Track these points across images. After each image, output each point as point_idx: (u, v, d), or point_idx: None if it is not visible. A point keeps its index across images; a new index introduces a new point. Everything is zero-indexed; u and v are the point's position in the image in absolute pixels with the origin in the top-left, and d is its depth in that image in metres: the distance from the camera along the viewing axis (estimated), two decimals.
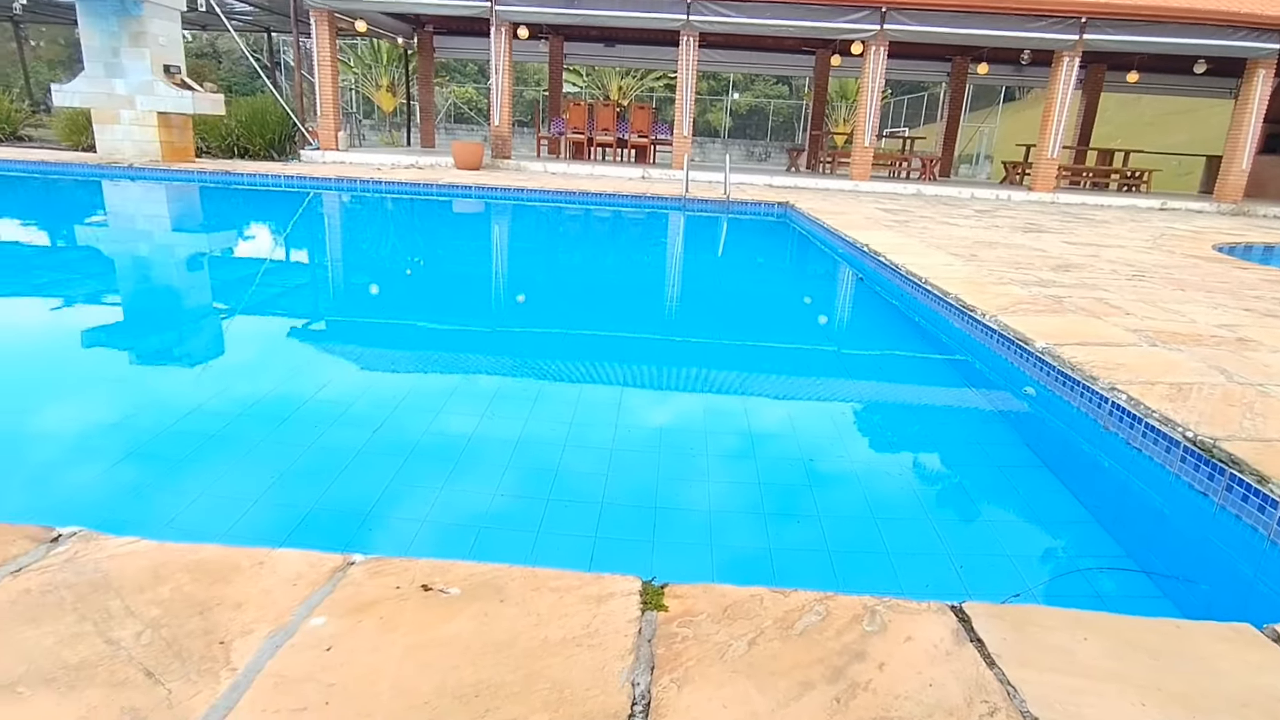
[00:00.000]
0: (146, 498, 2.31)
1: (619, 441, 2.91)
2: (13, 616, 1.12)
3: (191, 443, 2.74)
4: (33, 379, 3.46)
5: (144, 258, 6.73)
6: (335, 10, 13.64)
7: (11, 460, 2.51)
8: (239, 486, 2.39)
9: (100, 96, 10.57)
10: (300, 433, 2.85)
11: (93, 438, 2.78)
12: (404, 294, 5.67)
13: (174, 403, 3.22)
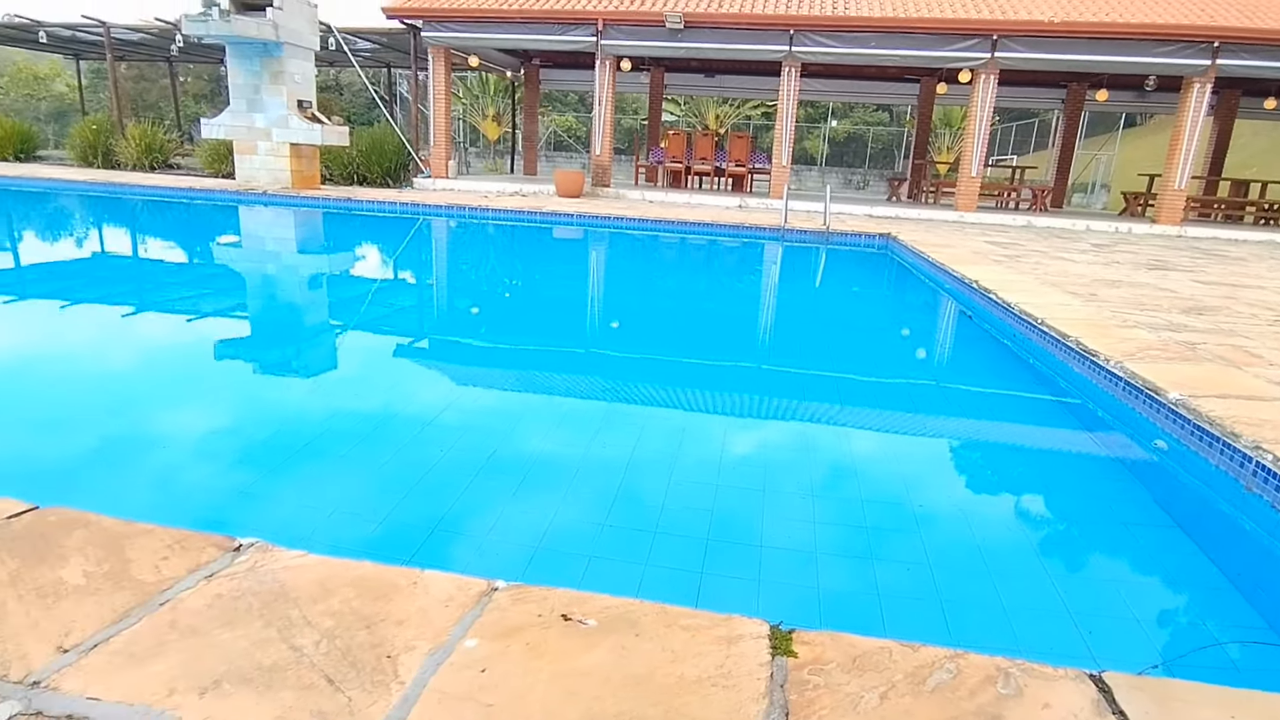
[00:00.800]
0: (263, 504, 2.51)
1: (722, 475, 2.94)
2: (211, 618, 1.26)
3: (307, 453, 2.96)
4: (163, 383, 3.82)
5: (274, 277, 7.29)
6: (452, 47, 14.43)
7: (131, 460, 2.77)
8: (361, 498, 2.57)
9: (241, 129, 11.53)
10: (408, 450, 3.03)
11: (208, 444, 3.04)
12: (510, 318, 5.90)
13: (292, 414, 3.49)
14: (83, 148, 15.69)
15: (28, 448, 2.88)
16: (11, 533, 1.48)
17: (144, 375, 4.01)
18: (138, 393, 3.69)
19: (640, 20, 13.22)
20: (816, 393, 4.13)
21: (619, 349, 5.02)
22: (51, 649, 1.16)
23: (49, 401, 3.42)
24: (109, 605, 1.28)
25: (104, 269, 7.30)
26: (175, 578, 1.37)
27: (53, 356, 4.28)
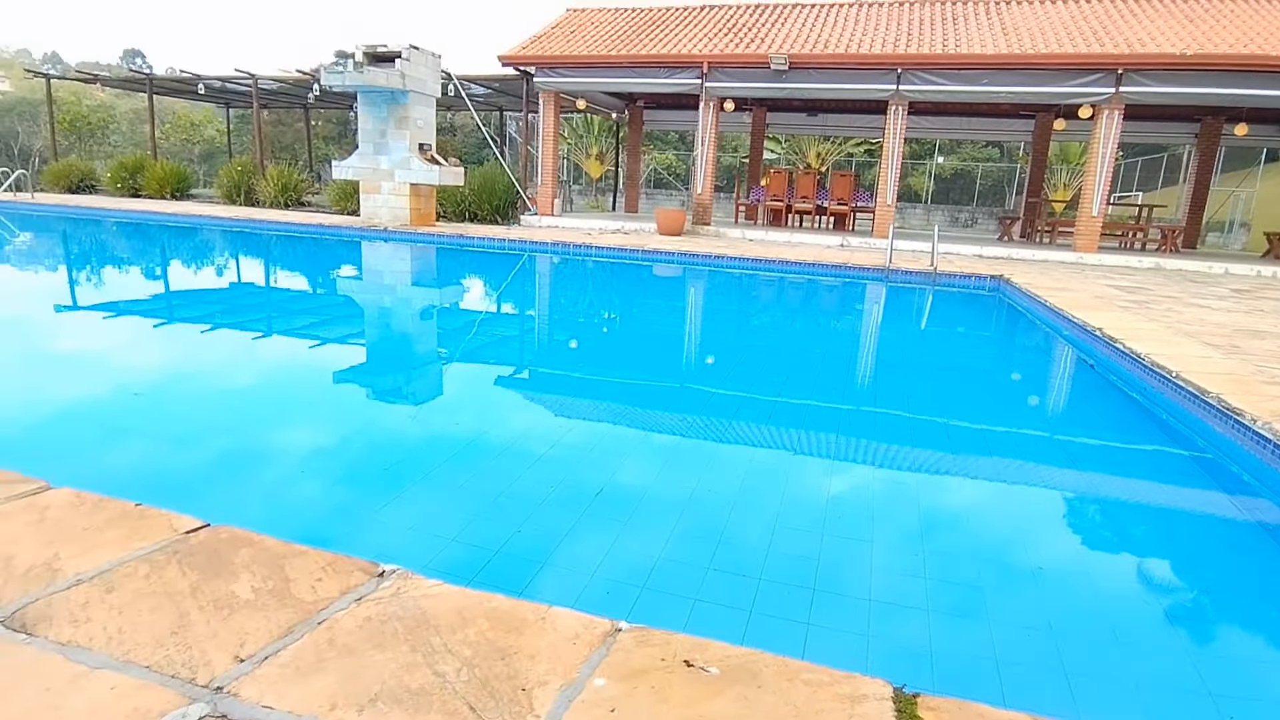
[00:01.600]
0: (374, 526, 2.65)
1: (827, 521, 2.90)
2: (363, 639, 1.37)
3: (418, 479, 3.12)
4: (289, 404, 4.12)
5: (391, 308, 7.74)
6: (562, 91, 15.06)
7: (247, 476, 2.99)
8: (468, 526, 2.69)
9: (368, 171, 12.39)
10: (511, 481, 3.15)
11: (320, 463, 3.25)
12: (612, 353, 6.04)
13: (401, 440, 3.70)
14: (229, 187, 17.23)
15: (165, 456, 3.17)
16: (189, 547, 1.66)
17: (271, 396, 4.36)
18: (264, 412, 4.02)
19: (745, 63, 13.42)
20: (925, 439, 4.01)
21: (721, 387, 5.05)
22: (230, 658, 1.29)
23: (188, 416, 3.77)
24: (275, 620, 1.41)
25: (241, 297, 7.97)
26: (330, 598, 1.50)
27: (191, 374, 4.71)
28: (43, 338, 5.60)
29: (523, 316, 7.68)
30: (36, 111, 51.67)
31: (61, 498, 1.84)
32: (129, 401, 3.94)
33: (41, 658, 1.25)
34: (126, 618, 1.37)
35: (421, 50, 11.98)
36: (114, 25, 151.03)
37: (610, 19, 16.30)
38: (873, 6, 15.51)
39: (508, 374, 5.30)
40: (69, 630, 1.33)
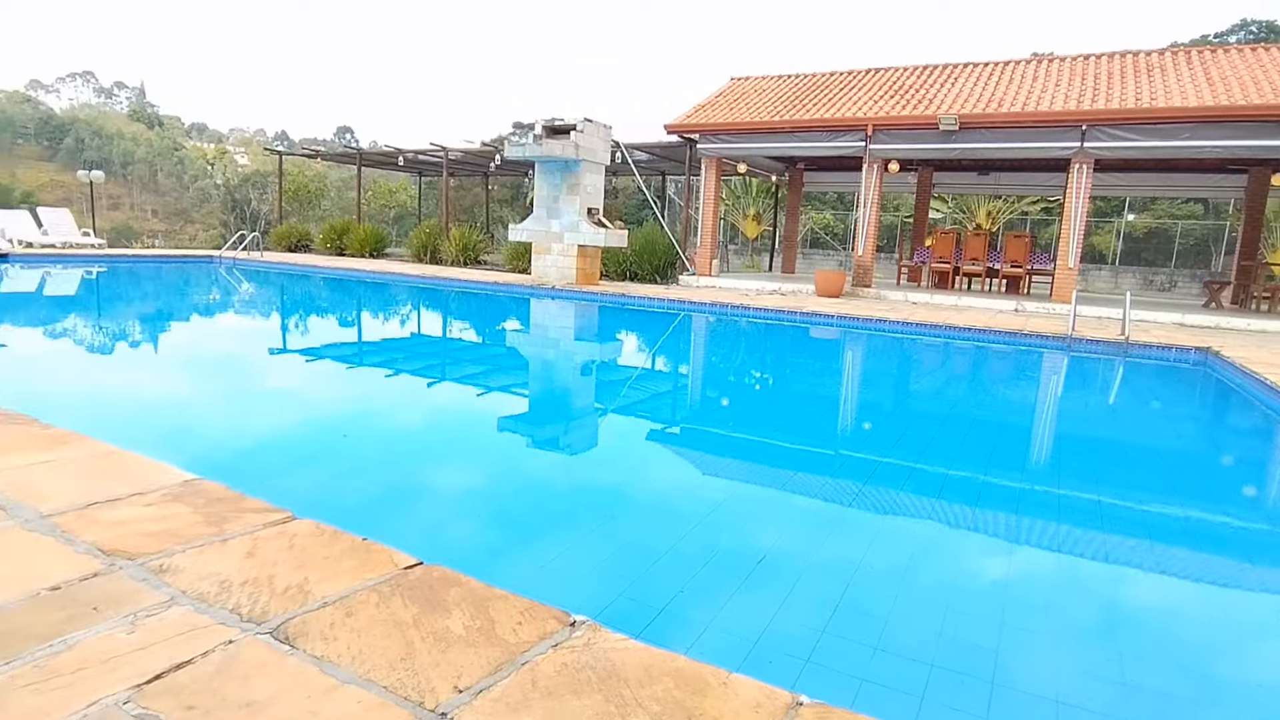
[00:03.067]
0: (518, 562, 2.79)
1: (1007, 611, 2.73)
2: (561, 684, 1.48)
3: (561, 521, 3.26)
4: (457, 446, 4.44)
5: (555, 361, 8.18)
6: (724, 156, 15.50)
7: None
8: (606, 569, 2.77)
9: (541, 234, 13.29)
10: (650, 529, 3.22)
11: (467, 500, 3.45)
12: (764, 414, 6.02)
13: (551, 485, 3.89)
14: (417, 247, 19.06)
15: (361, 490, 3.53)
16: (409, 582, 1.86)
17: (443, 440, 4.76)
18: (437, 454, 4.39)
19: (911, 124, 13.21)
20: (1118, 526, 3.67)
21: (885, 455, 4.89)
22: (450, 687, 1.44)
23: (379, 455, 4.18)
24: (485, 657, 1.55)
25: (426, 346, 8.74)
26: (530, 642, 1.63)
27: (378, 415, 5.22)
28: (270, 378, 6.44)
29: (681, 375, 7.85)
30: (266, 181, 59.84)
31: (305, 528, 2.13)
32: (339, 441, 4.44)
33: (302, 668, 1.46)
34: (365, 640, 1.57)
35: (594, 122, 12.82)
36: (330, 106, 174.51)
37: (773, 85, 16.67)
38: (1052, 62, 14.82)
39: (666, 430, 5.43)
40: (321, 646, 1.54)
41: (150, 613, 1.62)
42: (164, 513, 2.16)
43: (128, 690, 1.35)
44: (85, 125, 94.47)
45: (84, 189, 74.24)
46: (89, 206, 22.41)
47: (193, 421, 4.75)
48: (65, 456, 2.58)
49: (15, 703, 1.30)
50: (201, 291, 13.38)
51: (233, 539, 2.02)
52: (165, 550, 1.92)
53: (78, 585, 1.72)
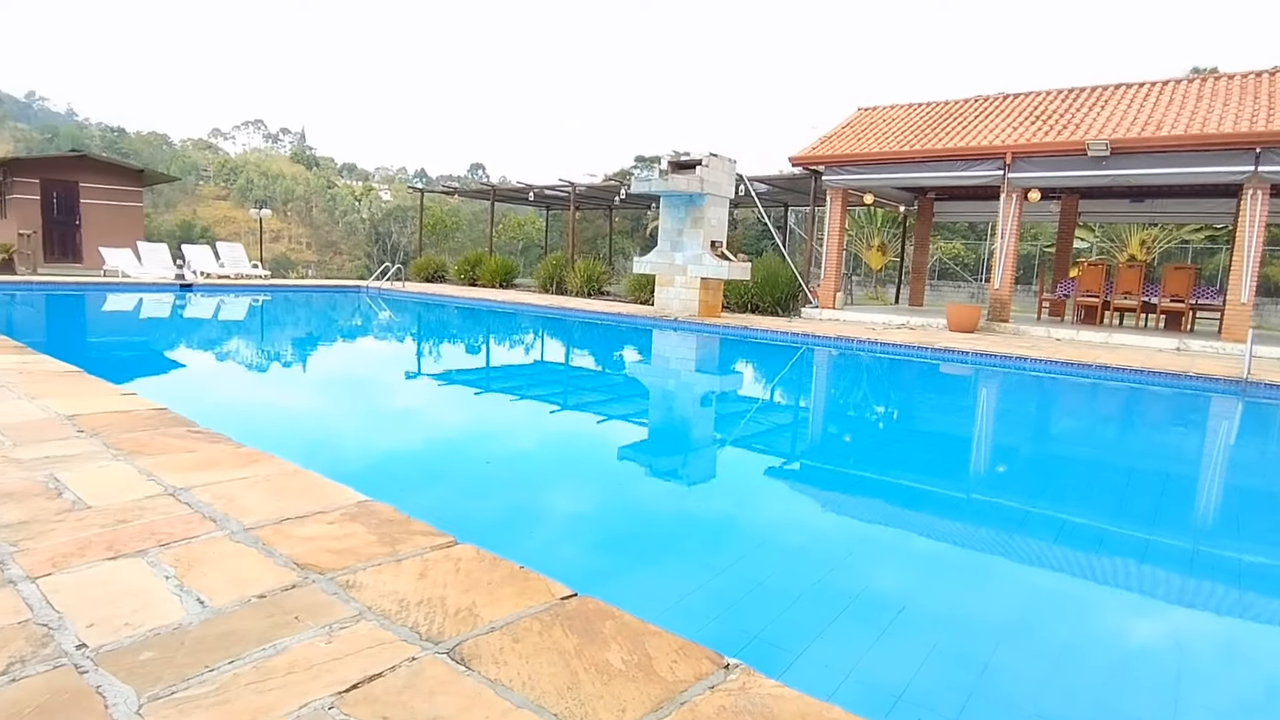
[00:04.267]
0: (631, 585, 2.79)
1: (1180, 678, 2.50)
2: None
3: (676, 551, 3.24)
4: (574, 472, 4.54)
5: (677, 392, 8.24)
6: (850, 188, 15.24)
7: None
8: (725, 603, 2.74)
9: (664, 266, 13.51)
10: (772, 566, 3.17)
11: (587, 526, 3.49)
12: (892, 453, 5.80)
13: (668, 514, 3.89)
14: (544, 278, 19.82)
15: (461, 504, 3.69)
16: (566, 612, 1.94)
17: (564, 464, 4.90)
18: (555, 478, 4.52)
19: (1055, 151, 12.51)
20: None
21: (1015, 500, 4.61)
22: (614, 718, 1.49)
23: (506, 475, 4.35)
24: (645, 693, 1.59)
25: (556, 374, 9.05)
26: (687, 681, 1.66)
27: (508, 440, 5.43)
28: (416, 402, 6.88)
29: (804, 409, 7.72)
30: (405, 215, 64.12)
31: (468, 552, 2.27)
32: (483, 466, 4.67)
33: (479, 689, 1.55)
34: (533, 667, 1.65)
35: (719, 157, 12.97)
36: (463, 144, 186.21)
37: (902, 115, 16.28)
38: (1219, 80, 13.66)
39: (784, 465, 5.35)
40: (494, 669, 1.63)
41: (342, 625, 1.77)
42: (344, 531, 2.36)
43: (331, 696, 1.49)
44: (254, 167, 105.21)
45: (253, 224, 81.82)
46: (257, 240, 24.86)
47: (350, 441, 5.14)
48: (258, 474, 2.87)
49: (241, 699, 1.46)
50: (351, 318, 14.49)
51: (405, 560, 2.18)
52: (349, 567, 2.10)
53: (280, 595, 1.91)
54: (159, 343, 10.63)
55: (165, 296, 15.38)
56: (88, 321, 12.77)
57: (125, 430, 3.38)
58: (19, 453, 2.97)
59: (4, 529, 2.23)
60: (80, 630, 1.70)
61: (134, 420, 3.58)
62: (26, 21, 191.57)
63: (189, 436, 3.34)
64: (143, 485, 2.66)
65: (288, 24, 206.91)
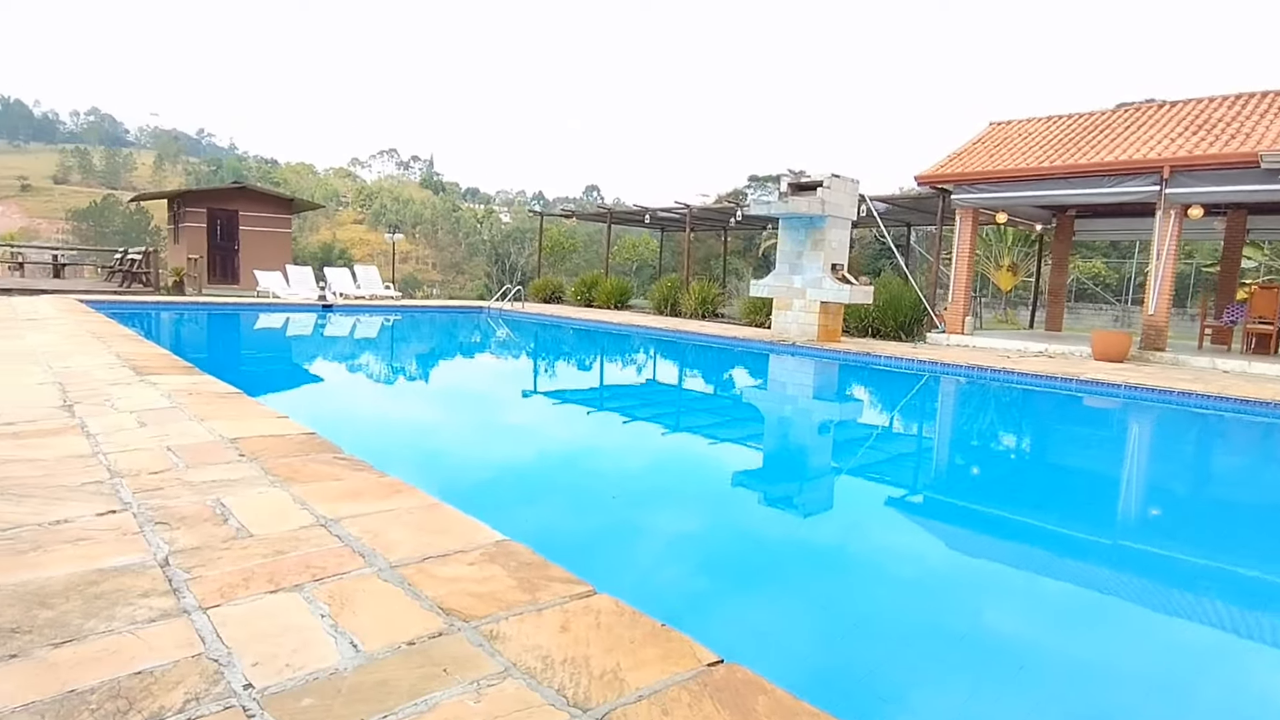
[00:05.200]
0: (740, 622, 2.60)
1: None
2: None
3: (794, 589, 3.03)
4: (685, 496, 4.40)
5: (795, 420, 7.98)
6: (982, 207, 14.46)
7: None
8: (842, 642, 2.52)
9: (782, 289, 13.25)
10: (894, 604, 2.91)
11: (690, 551, 3.32)
12: (1032, 492, 5.33)
13: (782, 546, 3.69)
14: (659, 300, 19.94)
15: (584, 530, 3.62)
16: (715, 682, 1.84)
17: (676, 488, 4.79)
18: (676, 505, 4.41)
19: (1222, 163, 11.37)
20: None
21: (1167, 548, 4.11)
22: None
23: (588, 490, 4.29)
24: None
25: (664, 398, 8.99)
26: None
27: (613, 460, 5.38)
28: (533, 423, 7.00)
29: (931, 441, 7.28)
30: (524, 237, 66.58)
31: (607, 605, 2.21)
32: (607, 500, 4.65)
33: None
34: None
35: (841, 178, 12.62)
36: (579, 167, 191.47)
37: (1040, 129, 15.31)
38: None
39: (911, 499, 5.03)
40: None
41: (489, 682, 1.74)
42: (484, 574, 2.36)
43: None
44: (388, 193, 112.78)
45: (386, 246, 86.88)
46: (389, 261, 26.42)
47: (476, 465, 5.26)
48: (400, 506, 2.94)
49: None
50: (474, 338, 15.07)
51: (546, 609, 2.14)
52: (492, 615, 2.08)
53: (427, 643, 1.91)
54: (304, 362, 11.42)
55: (309, 316, 16.57)
56: (244, 339, 13.92)
57: (280, 455, 3.57)
58: (191, 475, 3.18)
59: (180, 554, 2.37)
60: (246, 668, 1.75)
61: (287, 445, 3.78)
62: (198, 68, 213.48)
63: (335, 463, 3.49)
64: (297, 514, 2.78)
65: (423, 59, 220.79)
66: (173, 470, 3.24)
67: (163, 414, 4.34)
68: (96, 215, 76.56)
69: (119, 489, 2.97)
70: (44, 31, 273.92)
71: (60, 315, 10.50)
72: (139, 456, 3.44)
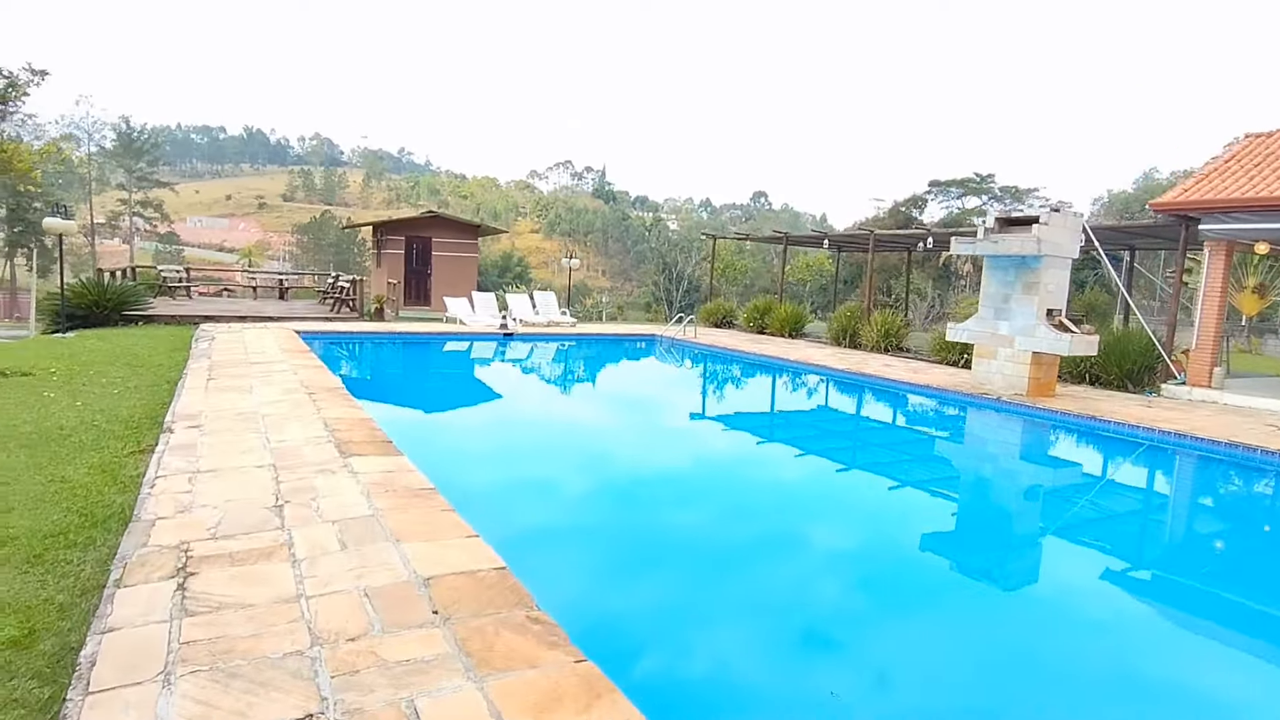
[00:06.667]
0: None
1: None
2: None
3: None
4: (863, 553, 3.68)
5: (993, 484, 6.94)
6: (1241, 239, 12.24)
7: None
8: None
9: (985, 335, 11.91)
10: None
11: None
12: None
13: (976, 621, 2.92)
14: (836, 330, 18.87)
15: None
16: None
17: (879, 556, 4.11)
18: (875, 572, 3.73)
19: None
20: None
21: None
22: None
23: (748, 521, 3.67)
24: None
25: (856, 452, 8.20)
26: None
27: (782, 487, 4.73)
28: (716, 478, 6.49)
29: (1174, 537, 6.00)
30: (690, 245, 66.79)
31: None
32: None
33: None
34: None
35: (1062, 212, 11.11)
36: (746, 172, 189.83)
37: None
38: None
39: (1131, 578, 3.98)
40: None
41: None
42: None
43: None
44: (562, 203, 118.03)
45: (558, 251, 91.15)
46: (560, 270, 27.20)
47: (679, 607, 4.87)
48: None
49: None
50: (653, 380, 14.95)
51: None
52: None
53: None
54: (488, 414, 11.73)
55: (490, 345, 17.27)
56: (431, 379, 14.68)
57: (472, 612, 3.36)
58: (385, 648, 3.01)
59: None
60: None
61: (479, 592, 3.57)
62: (400, 93, 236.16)
63: (528, 631, 3.21)
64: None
65: (598, 75, 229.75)
66: (368, 636, 3.10)
67: (361, 529, 4.32)
68: (315, 230, 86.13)
69: (317, 670, 2.84)
70: (278, 69, 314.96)
71: (280, 356, 11.48)
72: (338, 606, 3.35)
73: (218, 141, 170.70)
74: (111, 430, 6.70)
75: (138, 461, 5.77)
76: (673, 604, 4.59)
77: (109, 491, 5.08)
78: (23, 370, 9.50)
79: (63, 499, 4.90)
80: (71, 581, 3.78)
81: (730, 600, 4.62)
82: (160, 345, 12.62)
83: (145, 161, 74.15)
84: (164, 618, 3.19)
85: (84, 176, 65.46)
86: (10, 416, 7.08)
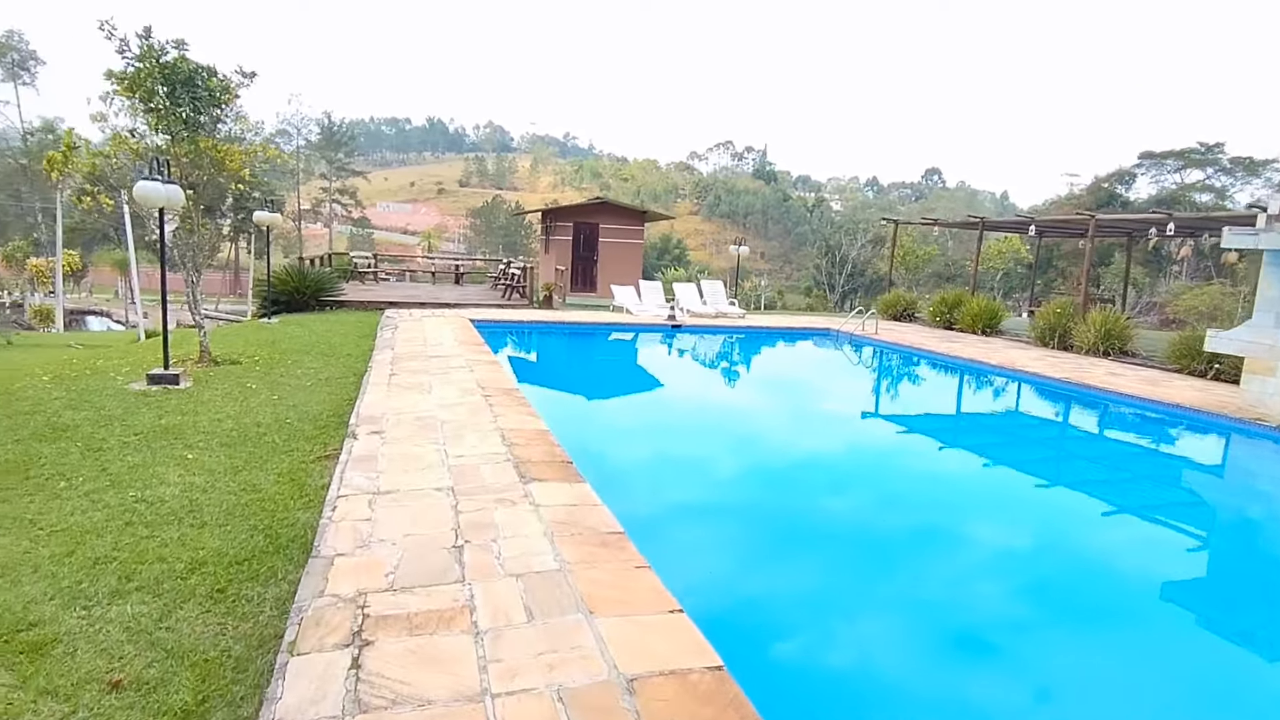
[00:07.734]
0: None
1: None
2: None
3: None
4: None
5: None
6: None
7: None
8: None
9: (1262, 346, 9.71)
10: None
11: None
12: None
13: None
14: (1043, 329, 16.61)
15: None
16: None
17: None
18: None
19: None
20: None
21: None
22: None
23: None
24: None
25: (1080, 464, 6.72)
26: None
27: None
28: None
29: None
30: (855, 227, 63.28)
31: None
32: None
33: None
34: None
35: None
36: (916, 149, 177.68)
37: None
38: None
39: None
40: None
41: None
42: None
43: None
44: (722, 185, 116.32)
45: (716, 234, 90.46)
46: (721, 253, 26.26)
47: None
48: None
49: None
50: (838, 389, 13.78)
51: None
52: None
53: None
54: (665, 424, 11.14)
55: (657, 337, 16.72)
56: (603, 374, 14.35)
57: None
58: None
59: None
60: None
61: (694, 707, 2.84)
62: (566, 80, 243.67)
63: None
64: None
65: (758, 55, 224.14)
66: None
67: (548, 590, 3.73)
68: (486, 214, 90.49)
69: None
70: (457, 62, 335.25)
71: (457, 349, 11.49)
72: (529, 716, 2.74)
73: (404, 132, 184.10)
74: (301, 430, 6.70)
75: (323, 470, 5.63)
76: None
77: (294, 506, 4.91)
78: (232, 359, 10.05)
79: (251, 513, 4.77)
80: (250, 626, 3.49)
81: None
82: (350, 332, 13.14)
83: (343, 153, 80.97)
84: (335, 711, 2.73)
85: (293, 168, 72.55)
86: (217, 410, 7.31)
